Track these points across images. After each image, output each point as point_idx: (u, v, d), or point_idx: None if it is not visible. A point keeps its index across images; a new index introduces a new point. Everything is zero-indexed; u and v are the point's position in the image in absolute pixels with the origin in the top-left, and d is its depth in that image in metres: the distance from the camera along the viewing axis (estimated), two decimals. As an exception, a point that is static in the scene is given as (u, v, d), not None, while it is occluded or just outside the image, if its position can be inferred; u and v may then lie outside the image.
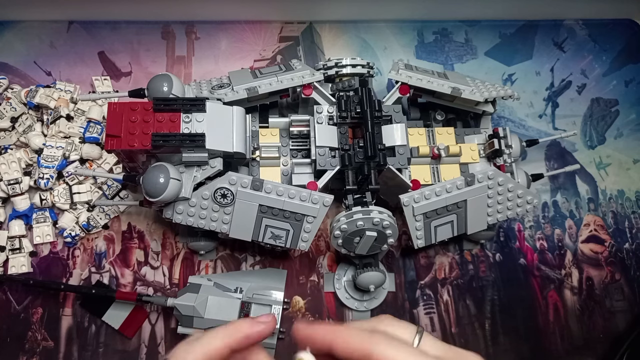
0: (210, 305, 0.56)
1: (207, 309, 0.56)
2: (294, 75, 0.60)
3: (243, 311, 0.57)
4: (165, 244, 0.69)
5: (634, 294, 0.72)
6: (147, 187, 0.51)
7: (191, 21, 0.80)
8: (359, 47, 0.81)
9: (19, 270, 0.66)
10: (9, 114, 0.70)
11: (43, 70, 0.76)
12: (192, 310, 0.56)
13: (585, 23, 0.85)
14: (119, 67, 0.77)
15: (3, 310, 0.65)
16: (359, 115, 0.59)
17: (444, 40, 0.83)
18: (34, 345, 0.64)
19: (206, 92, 0.59)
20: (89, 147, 0.68)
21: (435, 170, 0.63)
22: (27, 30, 0.77)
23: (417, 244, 0.60)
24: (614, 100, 0.82)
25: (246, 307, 0.57)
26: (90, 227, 0.67)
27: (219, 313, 0.56)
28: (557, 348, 0.69)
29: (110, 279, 0.67)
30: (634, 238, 0.75)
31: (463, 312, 0.69)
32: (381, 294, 0.67)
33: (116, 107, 0.51)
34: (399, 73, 0.63)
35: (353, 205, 0.57)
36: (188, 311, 0.56)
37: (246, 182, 0.54)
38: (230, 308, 0.57)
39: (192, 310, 0.56)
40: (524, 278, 0.71)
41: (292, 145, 0.62)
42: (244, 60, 0.79)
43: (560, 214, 0.75)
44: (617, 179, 0.78)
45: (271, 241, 0.58)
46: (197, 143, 0.51)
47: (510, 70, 0.82)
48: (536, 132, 0.79)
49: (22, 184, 0.66)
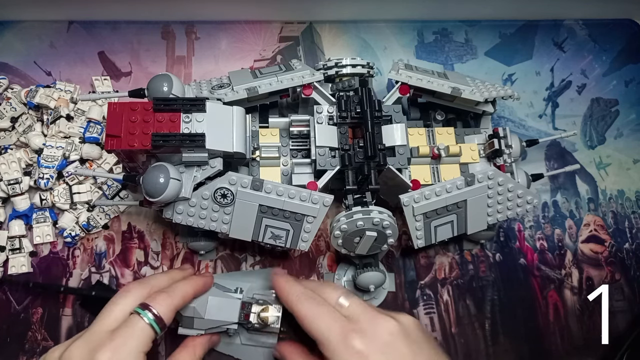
0: (210, 306, 0.55)
1: (207, 309, 0.55)
2: (294, 75, 0.60)
3: (244, 311, 0.56)
4: (165, 244, 0.69)
5: (634, 294, 0.72)
6: (147, 187, 0.51)
7: (191, 21, 0.80)
8: (359, 47, 0.81)
9: (19, 270, 0.66)
10: (9, 114, 0.70)
11: (43, 70, 0.76)
12: (192, 311, 0.55)
13: (585, 23, 0.85)
14: (119, 67, 0.77)
15: (3, 310, 0.65)
16: (359, 115, 0.59)
17: (444, 40, 0.83)
18: (34, 345, 0.64)
19: (206, 92, 0.59)
20: (89, 147, 0.68)
21: (435, 170, 0.63)
22: (27, 30, 0.77)
23: (417, 244, 0.60)
24: (614, 100, 0.82)
25: (247, 307, 0.56)
26: (90, 227, 0.67)
27: (219, 314, 0.56)
28: (557, 348, 0.69)
29: (110, 279, 0.67)
30: (634, 238, 0.75)
31: (463, 312, 0.69)
32: (381, 294, 0.67)
33: (116, 107, 0.51)
34: (399, 73, 0.63)
35: (353, 205, 0.57)
36: (189, 312, 0.55)
37: (246, 182, 0.54)
38: (230, 308, 0.56)
39: (193, 311, 0.55)
40: (524, 278, 0.71)
41: (292, 145, 0.62)
42: (244, 60, 0.79)
43: (560, 214, 0.75)
44: (617, 179, 0.78)
45: (271, 241, 0.58)
46: (197, 143, 0.51)
47: (510, 70, 0.82)
48: (536, 132, 0.79)
49: (22, 184, 0.66)
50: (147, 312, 0.47)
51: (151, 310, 0.47)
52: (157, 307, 0.48)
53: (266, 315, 0.55)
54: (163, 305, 0.48)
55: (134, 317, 0.47)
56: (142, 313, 0.47)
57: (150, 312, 0.47)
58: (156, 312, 0.47)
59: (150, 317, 0.47)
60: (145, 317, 0.47)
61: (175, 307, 0.50)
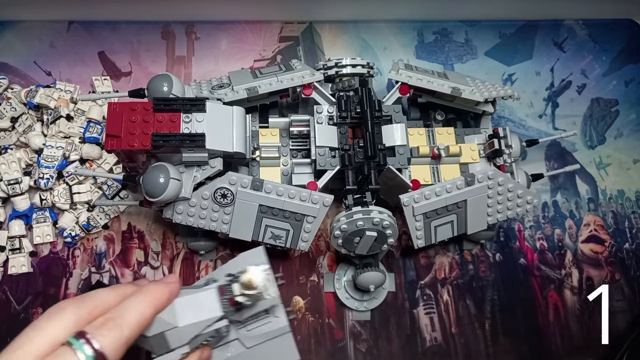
0: (180, 309, 0.41)
1: (177, 315, 0.40)
2: (294, 75, 0.60)
3: (225, 297, 0.42)
4: (165, 244, 0.69)
5: (634, 294, 0.72)
6: (147, 187, 0.51)
7: (191, 21, 0.80)
8: (359, 47, 0.81)
9: (19, 270, 0.66)
10: (9, 114, 0.70)
11: (43, 70, 0.76)
12: (159, 325, 0.40)
13: (585, 23, 0.85)
14: (119, 67, 0.77)
15: (3, 310, 0.65)
16: (359, 115, 0.59)
17: (444, 40, 0.83)
18: (34, 345, 0.63)
19: (206, 92, 0.59)
20: (89, 147, 0.68)
21: (435, 170, 0.62)
22: (27, 30, 0.77)
23: (417, 244, 0.60)
24: (614, 100, 0.82)
25: (227, 291, 0.42)
26: (90, 227, 0.67)
27: (196, 314, 0.41)
28: (557, 348, 0.69)
29: (110, 279, 0.67)
30: (634, 238, 0.75)
31: (463, 312, 0.69)
32: (381, 294, 0.67)
33: (116, 107, 0.51)
34: (399, 73, 0.63)
35: (353, 205, 0.57)
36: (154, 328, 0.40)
37: (246, 182, 0.54)
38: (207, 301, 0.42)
39: (160, 324, 0.40)
40: (524, 278, 0.71)
41: (292, 145, 0.62)
42: (244, 60, 0.79)
43: (560, 214, 0.75)
44: (617, 179, 0.78)
45: (271, 241, 0.57)
46: (197, 143, 0.51)
47: (510, 70, 0.82)
48: (536, 132, 0.79)
49: (22, 184, 0.66)
50: (85, 344, 0.33)
51: (90, 342, 0.33)
52: (99, 338, 0.33)
53: (248, 277, 0.40)
54: (108, 337, 0.34)
55: (64, 350, 0.33)
56: (77, 345, 0.33)
57: (89, 345, 0.33)
58: (97, 347, 0.33)
59: (89, 354, 0.32)
60: (80, 352, 0.32)
61: (126, 340, 0.35)
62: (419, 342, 0.67)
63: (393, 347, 0.67)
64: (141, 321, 0.37)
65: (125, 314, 0.36)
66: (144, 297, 0.38)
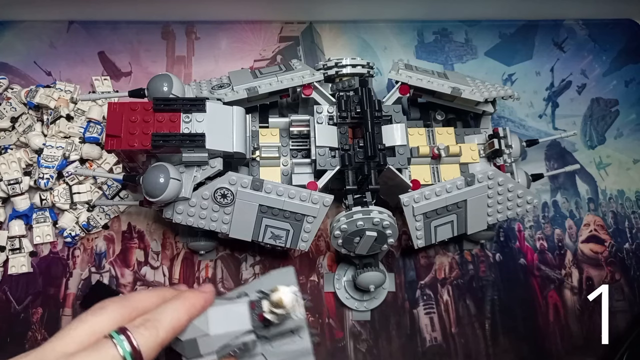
0: (213, 318, 0.43)
1: (209, 323, 0.43)
2: (294, 75, 0.60)
3: (255, 312, 0.44)
4: (165, 244, 0.69)
5: (634, 294, 0.72)
6: (147, 187, 0.51)
7: (191, 21, 0.80)
8: (359, 47, 0.81)
9: (19, 270, 0.66)
10: (9, 114, 0.70)
11: (43, 70, 0.76)
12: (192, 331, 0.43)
13: (585, 23, 0.85)
14: (119, 67, 0.77)
15: (3, 310, 0.65)
16: (359, 115, 0.59)
17: (444, 40, 0.83)
18: (34, 345, 0.63)
19: (206, 92, 0.59)
20: (89, 147, 0.68)
21: (435, 170, 0.63)
22: (27, 30, 0.77)
23: (417, 244, 0.60)
24: (614, 100, 0.82)
25: (257, 307, 0.44)
26: (90, 227, 0.67)
27: (227, 324, 0.44)
28: (557, 348, 0.69)
29: (110, 279, 0.67)
30: (634, 238, 0.75)
31: (463, 312, 0.69)
32: (381, 294, 0.67)
33: (116, 107, 0.51)
34: (399, 73, 0.63)
35: (353, 205, 0.57)
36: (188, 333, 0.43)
37: (246, 182, 0.54)
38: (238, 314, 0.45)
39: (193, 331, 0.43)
40: (524, 278, 0.71)
41: (292, 145, 0.62)
42: (244, 60, 0.79)
43: (560, 214, 0.75)
44: (617, 179, 0.78)
45: (271, 241, 0.58)
46: (197, 143, 0.51)
47: (510, 70, 0.82)
48: (536, 132, 0.79)
49: (22, 184, 0.66)
50: (124, 340, 0.35)
51: (129, 338, 0.35)
52: (138, 336, 0.35)
53: (278, 295, 0.42)
54: (145, 336, 0.36)
55: (105, 342, 0.35)
56: (117, 339, 0.35)
57: (128, 342, 0.35)
58: (135, 343, 0.35)
59: (127, 348, 0.35)
60: (120, 346, 0.34)
61: (161, 342, 0.37)
62: (419, 342, 0.67)
63: (393, 347, 0.67)
64: (176, 326, 0.39)
65: (163, 317, 0.38)
66: (181, 303, 0.40)
